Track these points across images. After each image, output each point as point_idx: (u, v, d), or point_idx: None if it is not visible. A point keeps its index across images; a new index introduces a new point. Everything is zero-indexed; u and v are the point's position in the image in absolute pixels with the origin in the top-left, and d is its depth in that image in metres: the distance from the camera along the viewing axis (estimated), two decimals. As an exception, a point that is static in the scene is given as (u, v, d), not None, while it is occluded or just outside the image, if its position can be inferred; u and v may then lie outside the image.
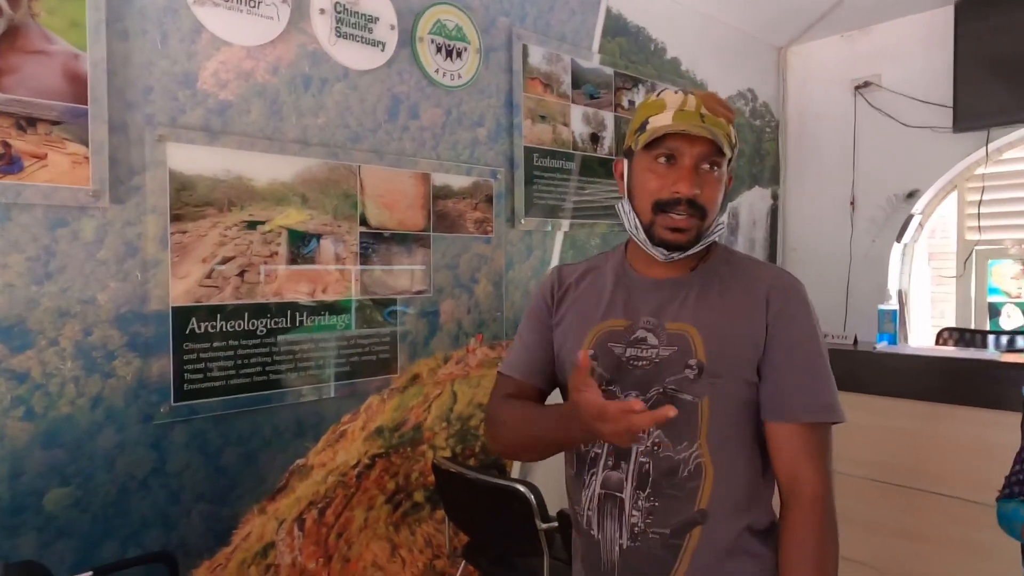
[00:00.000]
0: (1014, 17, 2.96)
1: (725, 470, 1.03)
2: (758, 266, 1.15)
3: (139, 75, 1.70)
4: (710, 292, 1.09)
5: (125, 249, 1.68)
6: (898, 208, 3.45)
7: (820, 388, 1.04)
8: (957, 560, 2.17)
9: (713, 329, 1.05)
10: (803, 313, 1.07)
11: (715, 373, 1.03)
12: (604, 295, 1.14)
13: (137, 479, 1.70)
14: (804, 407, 1.03)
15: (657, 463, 1.03)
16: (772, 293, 1.07)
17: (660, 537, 1.02)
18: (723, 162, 1.06)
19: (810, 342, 1.06)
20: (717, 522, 1.02)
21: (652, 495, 1.03)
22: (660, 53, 3.12)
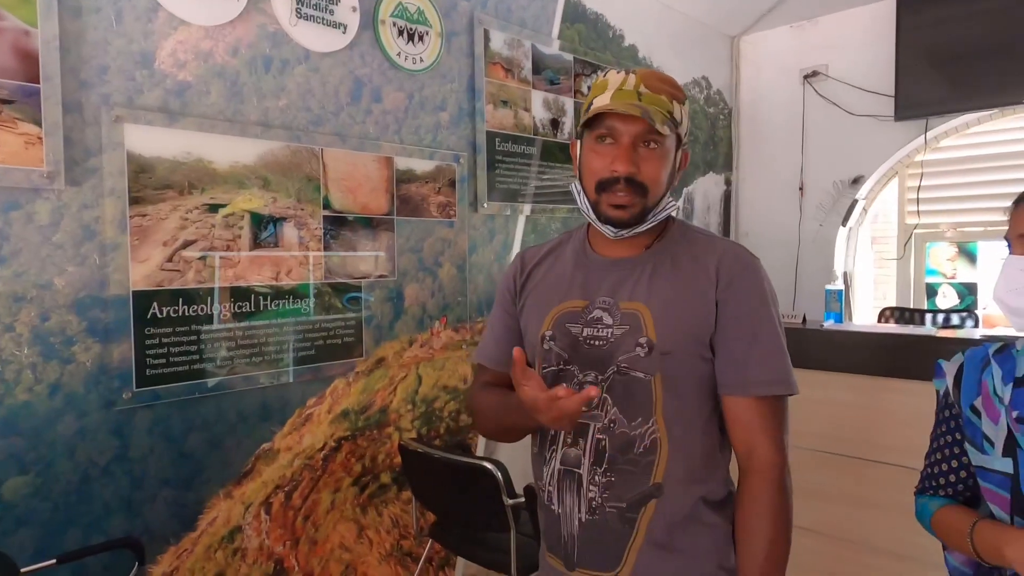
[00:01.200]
0: (952, 11, 3.11)
1: (680, 444, 1.05)
2: (711, 241, 1.13)
3: (93, 54, 1.66)
4: (663, 269, 1.09)
5: (82, 232, 1.65)
6: (843, 193, 3.60)
7: (772, 361, 1.04)
8: (899, 523, 2.31)
9: (663, 306, 1.06)
10: (753, 286, 1.07)
11: (665, 350, 1.04)
12: (564, 276, 1.16)
13: (99, 466, 1.68)
14: (756, 380, 1.04)
15: (613, 439, 1.06)
16: (722, 267, 1.07)
17: (617, 511, 1.05)
18: (663, 139, 1.06)
19: (761, 314, 1.06)
20: (672, 494, 1.04)
21: (608, 470, 1.05)
22: (618, 40, 3.17)
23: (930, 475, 1.16)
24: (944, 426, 1.13)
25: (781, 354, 1.06)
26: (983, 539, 1.00)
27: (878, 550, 2.35)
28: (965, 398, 1.08)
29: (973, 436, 1.06)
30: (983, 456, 1.04)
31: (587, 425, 1.08)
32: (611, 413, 1.06)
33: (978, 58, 3.05)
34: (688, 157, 1.15)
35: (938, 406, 1.15)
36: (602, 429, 1.07)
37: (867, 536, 2.37)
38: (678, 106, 1.08)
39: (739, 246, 1.13)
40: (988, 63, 3.03)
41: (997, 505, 1.03)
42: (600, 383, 1.07)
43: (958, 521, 1.07)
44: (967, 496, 1.12)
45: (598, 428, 1.07)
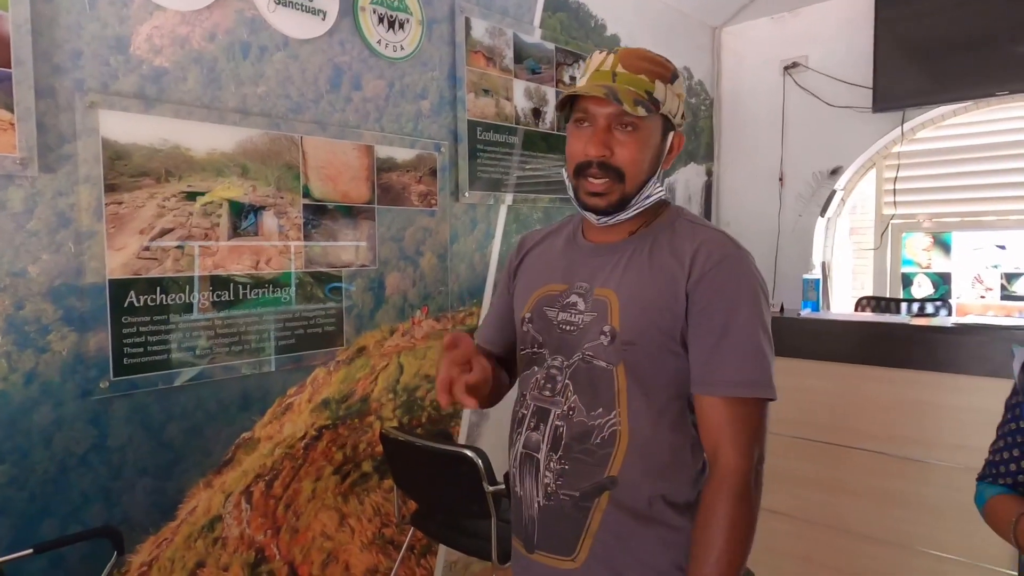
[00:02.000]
0: (929, 4, 3.14)
1: (642, 439, 1.01)
2: (694, 230, 1.06)
3: (67, 38, 1.63)
4: (639, 257, 1.05)
5: (57, 220, 1.63)
6: (822, 184, 3.64)
7: (742, 360, 0.98)
8: (873, 508, 2.36)
9: (632, 295, 1.02)
10: (729, 279, 1.00)
11: (628, 340, 1.01)
12: (551, 260, 1.15)
13: (77, 455, 1.67)
14: (722, 379, 0.98)
15: (570, 427, 1.04)
16: (697, 257, 1.01)
17: (570, 499, 1.04)
18: (641, 121, 1.01)
19: (735, 310, 0.99)
20: (627, 489, 1.01)
21: (563, 458, 1.04)
22: (600, 30, 3.17)
23: (992, 463, 1.14)
24: (1009, 413, 1.11)
25: (755, 354, 0.99)
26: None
27: (852, 534, 2.40)
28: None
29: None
30: None
31: (548, 410, 1.07)
32: (571, 401, 1.04)
33: (954, 51, 3.09)
34: (682, 140, 1.09)
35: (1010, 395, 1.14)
36: (561, 416, 1.05)
37: (842, 520, 2.42)
38: (661, 85, 1.02)
39: (723, 236, 1.05)
40: (964, 56, 3.07)
41: None
42: (564, 369, 1.06)
43: (1006, 511, 1.04)
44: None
45: (557, 415, 1.05)
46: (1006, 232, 3.27)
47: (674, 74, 1.06)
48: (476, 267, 2.65)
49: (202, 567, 1.90)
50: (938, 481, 2.19)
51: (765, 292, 1.03)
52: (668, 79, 1.04)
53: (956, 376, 2.19)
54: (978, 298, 3.33)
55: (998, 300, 3.27)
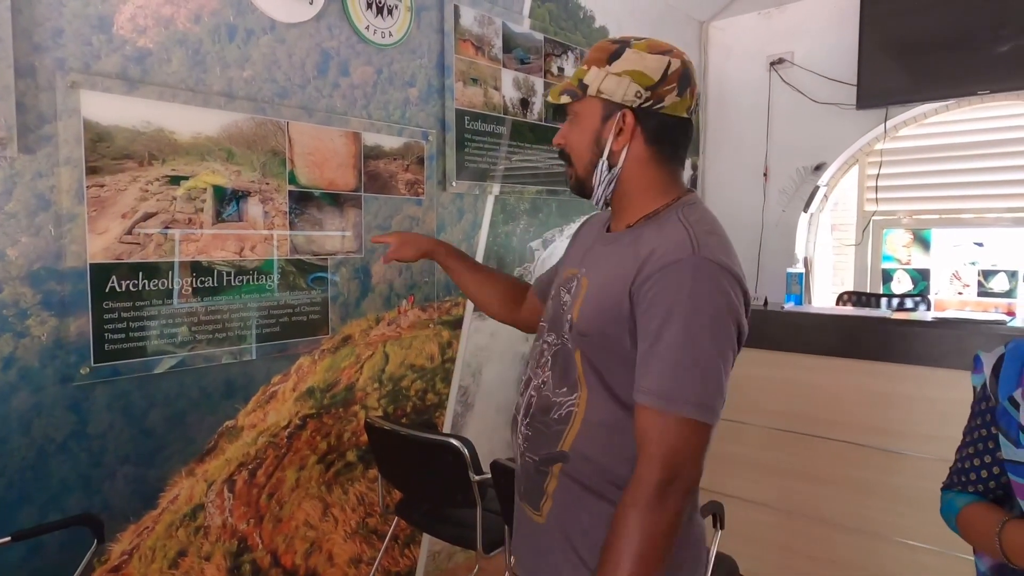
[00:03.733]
0: (914, 3, 3.18)
1: (593, 423, 1.04)
2: (661, 229, 1.03)
3: (48, 16, 1.59)
4: (617, 250, 1.07)
5: (36, 202, 1.59)
6: (806, 180, 3.67)
7: (666, 373, 0.94)
8: (851, 498, 2.40)
9: (596, 287, 1.06)
10: (669, 286, 0.95)
11: (582, 331, 1.05)
12: (580, 245, 1.21)
13: (56, 442, 1.64)
14: (643, 387, 0.96)
15: (539, 399, 1.12)
16: (649, 259, 0.98)
17: (532, 461, 1.12)
18: (574, 108, 1.09)
19: (670, 320, 0.94)
20: (576, 465, 1.06)
21: (529, 424, 1.13)
22: (589, 21, 3.16)
23: (959, 470, 1.09)
24: (979, 419, 1.07)
25: (680, 367, 0.94)
26: (1012, 539, 0.94)
27: (830, 523, 2.43)
28: (1003, 389, 1.02)
29: (1008, 428, 1.01)
30: (1017, 450, 0.99)
31: (531, 380, 1.16)
32: (545, 375, 1.12)
33: (937, 50, 3.13)
34: (630, 119, 1.04)
35: (974, 400, 1.09)
36: (535, 387, 1.14)
37: (821, 510, 2.46)
38: (596, 69, 1.05)
39: (686, 239, 0.99)
40: (947, 55, 3.11)
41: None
42: (552, 345, 1.13)
43: (985, 520, 1.00)
44: (998, 495, 1.06)
45: (534, 384, 1.14)
46: (984, 229, 3.33)
47: (614, 53, 1.04)
48: (462, 257, 2.64)
49: (184, 556, 1.88)
50: (914, 472, 2.24)
51: (712, 305, 0.95)
52: (604, 61, 1.05)
53: (935, 369, 2.23)
54: (956, 294, 3.38)
55: (975, 296, 3.33)
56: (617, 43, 1.06)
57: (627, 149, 1.06)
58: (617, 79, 1.03)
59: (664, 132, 1.07)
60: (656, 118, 1.05)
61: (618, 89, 1.03)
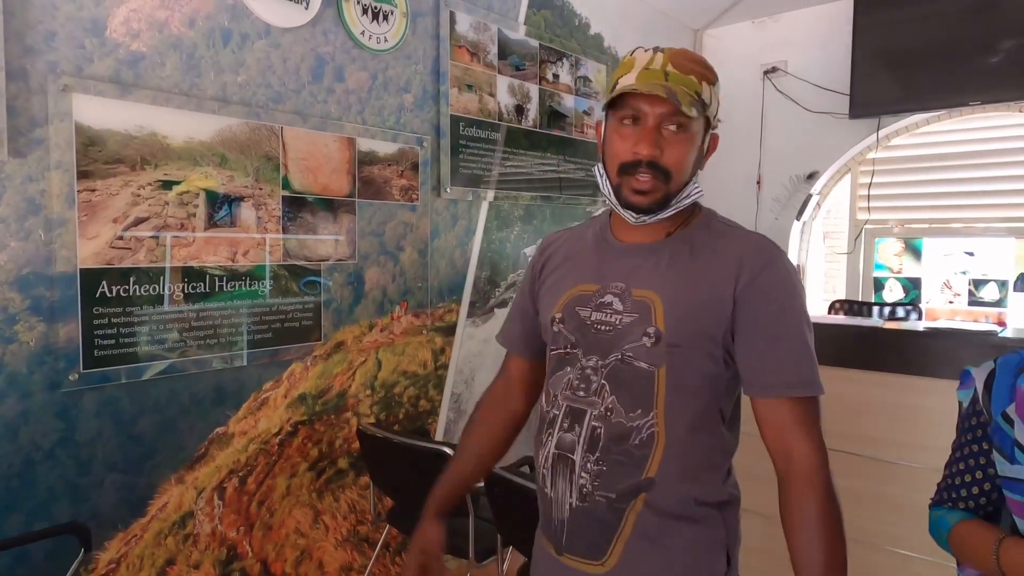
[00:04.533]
0: (906, 14, 3.20)
1: (678, 441, 1.01)
2: (735, 233, 1.08)
3: (40, 18, 1.58)
4: (680, 259, 1.05)
5: (27, 206, 1.57)
6: (799, 188, 3.69)
7: (800, 361, 0.99)
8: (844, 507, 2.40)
9: (676, 297, 1.02)
10: (777, 281, 1.01)
11: (673, 342, 1.00)
12: (580, 260, 1.14)
13: (43, 449, 1.62)
14: (780, 382, 0.99)
15: (608, 428, 1.02)
16: (744, 263, 1.01)
17: (606, 500, 1.02)
18: (690, 122, 1.02)
19: (787, 313, 1.00)
20: (663, 490, 1.01)
21: (600, 459, 1.03)
22: (584, 28, 3.17)
23: (949, 487, 1.08)
24: (969, 435, 1.06)
25: (807, 352, 1.00)
26: (1011, 557, 0.92)
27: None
28: (996, 405, 1.01)
29: (1003, 444, 0.99)
30: (1012, 466, 0.98)
31: (584, 411, 1.05)
32: (608, 401, 1.03)
33: (929, 61, 3.15)
34: (717, 141, 1.10)
35: (962, 415, 1.08)
36: (598, 417, 1.04)
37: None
38: (708, 87, 1.03)
39: (762, 238, 1.07)
40: (939, 66, 3.13)
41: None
42: (600, 369, 1.04)
43: (980, 537, 0.99)
44: (988, 511, 1.05)
45: (594, 415, 1.04)
46: (974, 239, 3.35)
47: (716, 77, 1.06)
48: (456, 264, 2.63)
49: (172, 565, 1.86)
50: (905, 481, 2.24)
51: (803, 289, 1.05)
52: (712, 81, 1.05)
53: (926, 379, 2.24)
54: (947, 303, 3.40)
55: (966, 306, 3.35)
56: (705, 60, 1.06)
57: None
58: (718, 102, 1.06)
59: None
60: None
61: (717, 112, 1.07)
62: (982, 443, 1.03)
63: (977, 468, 1.04)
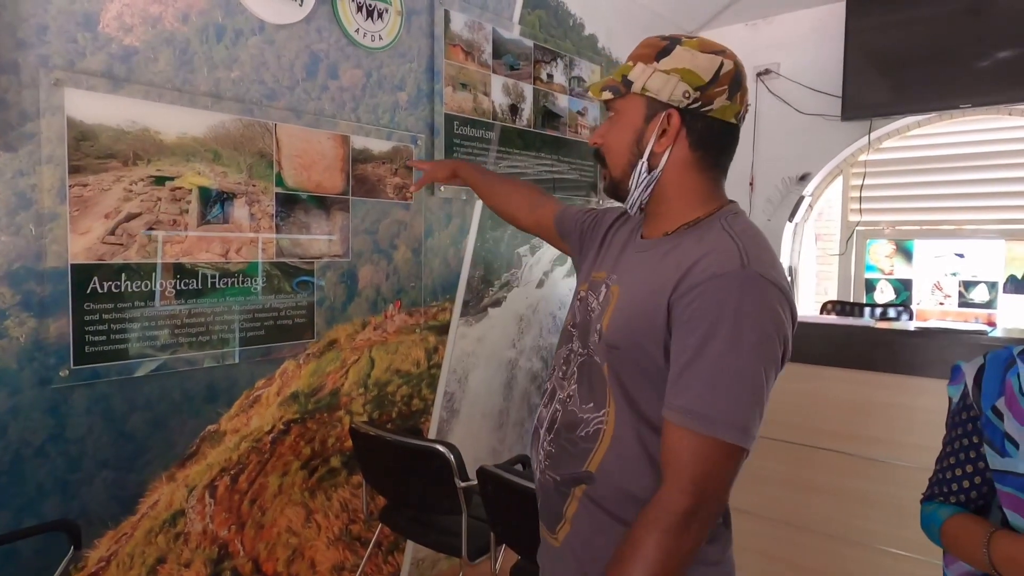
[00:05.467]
0: (898, 16, 3.22)
1: (622, 441, 0.98)
2: (703, 239, 0.97)
3: (32, 12, 1.57)
4: (649, 259, 1.01)
5: (17, 201, 1.56)
6: (791, 190, 3.71)
7: (706, 392, 0.88)
8: (831, 505, 2.41)
9: (628, 297, 0.99)
10: (713, 300, 0.89)
11: (612, 343, 0.98)
12: (611, 248, 1.14)
13: (33, 446, 1.60)
14: (680, 406, 0.90)
15: (565, 414, 1.05)
16: (690, 271, 0.92)
17: (553, 481, 1.06)
18: (616, 105, 1.01)
19: (714, 336, 0.88)
20: (601, 487, 1.00)
21: (553, 441, 1.06)
22: (578, 29, 3.17)
23: (941, 480, 1.09)
24: (960, 429, 1.06)
25: (721, 387, 0.88)
26: (1002, 550, 0.93)
27: (815, 532, 2.44)
28: (986, 399, 1.02)
29: (993, 438, 1.00)
30: (1004, 459, 0.98)
31: (555, 393, 1.09)
32: (571, 388, 1.05)
33: (920, 64, 3.18)
34: (675, 120, 0.98)
35: (952, 410, 1.09)
36: (560, 400, 1.07)
37: (805, 519, 2.47)
38: (643, 65, 0.98)
39: (735, 251, 0.93)
40: (930, 69, 3.16)
41: (1016, 511, 0.97)
42: (577, 356, 1.07)
43: (971, 531, 0.99)
44: (979, 505, 1.05)
45: (559, 398, 1.07)
46: (964, 241, 3.37)
47: (663, 50, 0.98)
48: (450, 262, 2.63)
49: (162, 563, 1.85)
50: (897, 480, 2.25)
51: (759, 322, 0.89)
52: (652, 57, 0.98)
53: (917, 379, 2.25)
54: (937, 304, 3.43)
55: (956, 307, 3.37)
56: (667, 39, 0.99)
57: (669, 152, 0.99)
58: (665, 77, 0.97)
59: (710, 136, 1.00)
60: (703, 121, 0.98)
61: (665, 87, 0.97)
62: (972, 437, 1.04)
63: (968, 462, 1.05)
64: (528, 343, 3.01)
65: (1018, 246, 3.24)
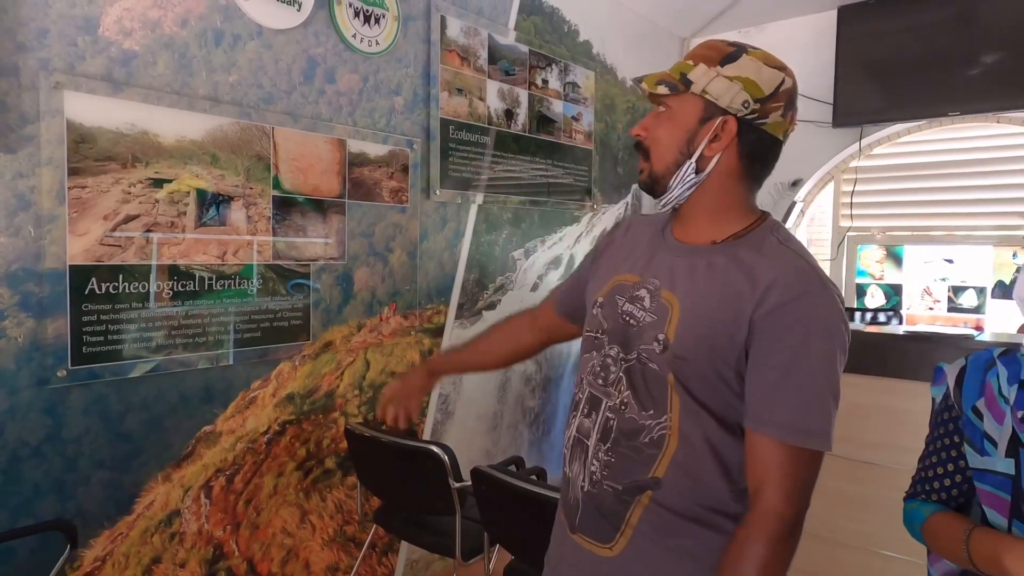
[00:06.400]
0: (889, 25, 3.27)
1: (690, 447, 0.99)
2: (778, 254, 0.99)
3: (32, 16, 1.58)
4: (712, 270, 1.01)
5: (16, 202, 1.58)
6: (783, 195, 3.74)
7: (804, 407, 0.94)
8: (821, 508, 2.43)
9: (694, 308, 1.00)
10: (803, 316, 0.94)
11: (680, 354, 0.99)
12: (633, 249, 1.13)
13: (30, 445, 1.61)
14: (774, 420, 0.94)
15: (621, 422, 1.03)
16: (773, 288, 0.95)
17: (612, 491, 1.04)
18: (669, 100, 1.02)
19: (806, 352, 0.94)
20: (669, 492, 1.00)
21: (611, 450, 1.04)
22: (573, 35, 3.21)
23: (923, 479, 1.11)
24: (942, 428, 1.09)
25: (817, 401, 0.94)
26: (980, 547, 0.95)
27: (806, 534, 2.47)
28: (967, 399, 1.04)
29: (973, 437, 1.02)
30: (983, 458, 1.00)
31: (601, 400, 1.07)
32: (623, 395, 1.04)
33: (911, 72, 3.22)
34: (733, 124, 0.99)
35: (935, 410, 1.11)
36: (612, 408, 1.05)
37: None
38: (704, 67, 0.99)
39: (809, 268, 0.98)
40: (920, 77, 3.20)
41: (995, 508, 0.99)
42: (619, 361, 1.05)
43: (952, 528, 1.01)
44: (960, 502, 1.08)
45: (609, 406, 1.05)
46: (954, 247, 3.41)
47: (730, 56, 0.99)
48: (445, 266, 2.65)
49: (158, 563, 1.86)
50: (887, 482, 2.28)
51: (842, 339, 0.97)
52: (716, 61, 0.99)
53: (906, 382, 2.28)
54: (927, 309, 3.47)
55: (945, 312, 3.41)
56: (734, 46, 1.01)
57: (719, 157, 1.01)
58: (728, 83, 0.98)
59: (760, 148, 1.02)
60: (756, 133, 1.00)
61: (726, 93, 0.98)
62: (954, 436, 1.07)
63: (949, 461, 1.07)
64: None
65: (1006, 252, 3.29)
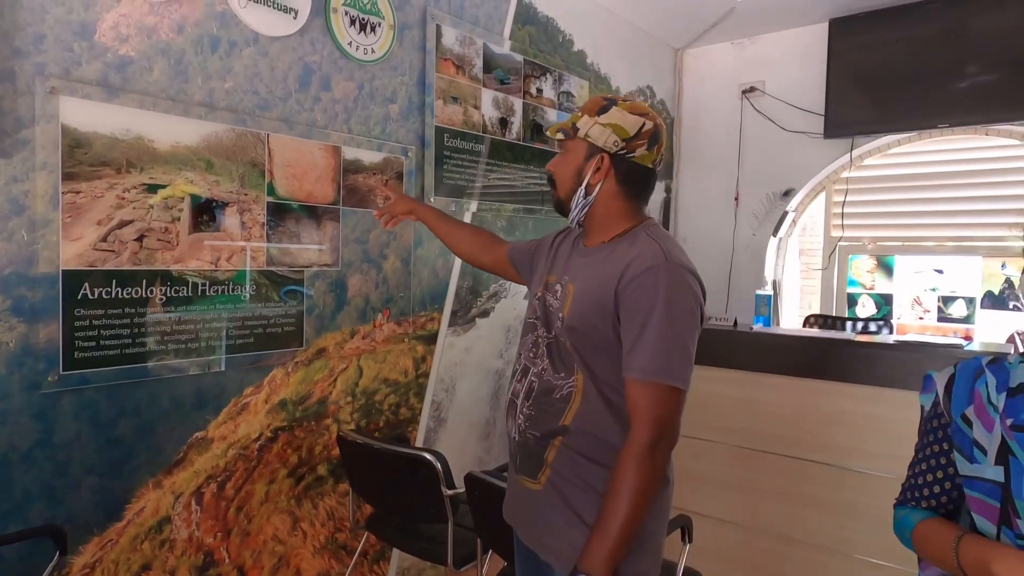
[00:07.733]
0: (879, 38, 3.31)
1: (589, 401, 1.29)
2: (635, 244, 1.30)
3: (29, 21, 1.59)
4: (599, 261, 1.32)
5: (10, 206, 1.57)
6: (775, 205, 3.77)
7: (654, 353, 1.20)
8: (813, 515, 2.45)
9: (582, 290, 1.31)
10: (648, 285, 1.22)
11: (571, 325, 1.29)
12: (559, 256, 1.45)
13: (20, 450, 1.60)
14: (636, 366, 1.21)
15: (540, 383, 1.35)
16: (629, 267, 1.24)
17: (533, 437, 1.34)
18: (564, 143, 1.37)
19: (651, 310, 1.21)
20: (575, 436, 1.30)
21: (532, 406, 1.35)
22: (568, 45, 3.23)
23: (913, 486, 1.12)
24: (931, 436, 1.10)
25: (665, 346, 1.20)
26: (969, 553, 0.96)
27: (797, 542, 2.48)
28: (956, 407, 1.05)
29: (962, 445, 1.03)
30: (972, 465, 1.01)
31: (529, 368, 1.38)
32: (544, 363, 1.35)
33: (901, 84, 3.26)
34: (607, 161, 1.32)
35: (924, 418, 1.13)
36: (535, 374, 1.36)
37: (787, 528, 2.50)
38: (587, 118, 1.32)
39: (658, 249, 1.26)
40: (910, 89, 3.24)
41: (984, 516, 0.99)
42: (543, 338, 1.36)
43: (941, 535, 1.02)
44: (949, 509, 1.09)
45: (534, 372, 1.36)
46: (943, 257, 3.45)
47: (603, 108, 1.31)
48: (439, 273, 2.66)
49: (148, 570, 1.84)
50: (876, 490, 2.29)
51: (684, 299, 1.23)
52: (594, 112, 1.32)
53: (896, 391, 2.30)
54: (917, 319, 3.49)
55: (935, 322, 3.44)
56: (607, 100, 1.33)
57: (601, 184, 1.33)
58: (602, 128, 1.30)
59: (632, 175, 1.34)
60: (627, 164, 1.32)
61: (601, 136, 1.31)
62: (943, 444, 1.07)
63: (938, 468, 1.08)
64: (515, 354, 3.03)
65: (995, 263, 3.32)
